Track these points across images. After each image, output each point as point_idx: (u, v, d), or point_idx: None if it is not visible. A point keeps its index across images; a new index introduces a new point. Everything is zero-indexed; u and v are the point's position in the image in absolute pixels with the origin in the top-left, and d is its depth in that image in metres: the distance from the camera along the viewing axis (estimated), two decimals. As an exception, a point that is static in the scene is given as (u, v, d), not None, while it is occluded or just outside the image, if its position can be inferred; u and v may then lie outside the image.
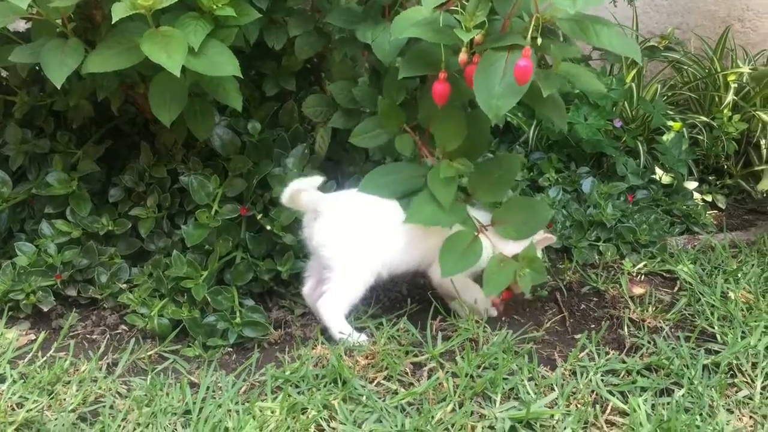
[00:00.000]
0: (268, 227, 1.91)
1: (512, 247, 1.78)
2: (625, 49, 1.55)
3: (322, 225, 1.76)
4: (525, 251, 1.75)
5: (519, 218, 1.79)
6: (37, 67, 1.99)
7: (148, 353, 1.74)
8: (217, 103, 1.93)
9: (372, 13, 1.82)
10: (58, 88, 1.64)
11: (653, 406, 1.55)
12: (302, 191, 1.73)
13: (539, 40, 1.47)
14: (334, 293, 1.75)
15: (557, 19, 1.51)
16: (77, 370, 1.67)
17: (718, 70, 2.77)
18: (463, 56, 1.55)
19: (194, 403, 1.54)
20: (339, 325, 1.74)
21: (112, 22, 1.54)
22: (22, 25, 1.98)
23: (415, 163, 1.82)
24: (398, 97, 1.79)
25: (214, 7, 1.67)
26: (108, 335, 1.83)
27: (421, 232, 1.77)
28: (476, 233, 1.75)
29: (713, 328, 1.82)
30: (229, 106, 1.81)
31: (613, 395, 1.59)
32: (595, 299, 2.00)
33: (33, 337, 1.81)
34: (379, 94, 1.82)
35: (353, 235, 1.76)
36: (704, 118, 2.67)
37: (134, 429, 1.48)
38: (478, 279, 1.79)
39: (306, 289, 1.84)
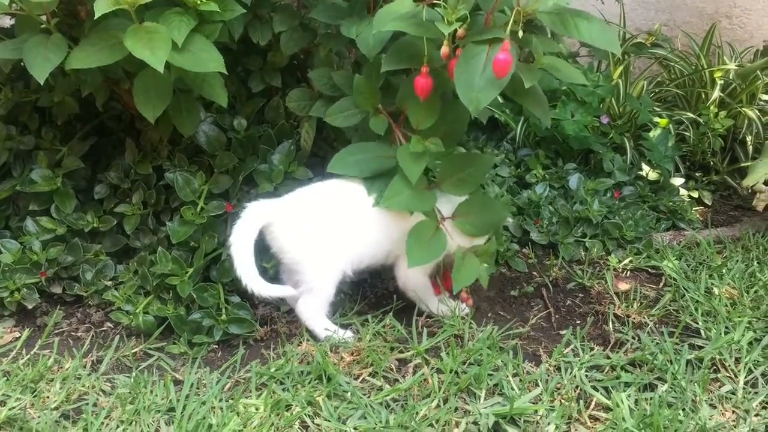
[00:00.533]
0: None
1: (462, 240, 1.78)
2: (605, 42, 1.55)
3: (276, 232, 1.76)
4: (485, 246, 1.76)
5: (478, 216, 1.78)
6: (21, 64, 1.98)
7: (133, 350, 1.74)
8: (202, 99, 1.92)
9: (357, 9, 1.82)
10: (42, 83, 1.63)
11: (636, 401, 1.56)
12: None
13: (520, 33, 1.47)
14: (308, 296, 1.75)
15: (539, 12, 1.51)
16: (61, 367, 1.66)
17: (705, 66, 2.78)
18: (445, 50, 1.55)
19: (178, 400, 1.54)
20: (321, 325, 1.75)
21: (95, 18, 1.53)
22: (6, 22, 1.97)
23: (385, 144, 1.79)
24: (377, 81, 1.77)
25: (198, 2, 1.66)
26: (93, 333, 1.82)
27: (381, 225, 1.75)
28: (438, 223, 1.73)
29: (697, 323, 1.83)
30: (215, 102, 1.81)
31: (597, 390, 1.60)
32: (580, 295, 2.01)
33: (17, 334, 1.80)
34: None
35: (309, 237, 1.75)
36: (691, 115, 2.68)
37: (117, 426, 1.47)
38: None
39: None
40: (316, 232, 1.75)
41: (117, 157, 2.04)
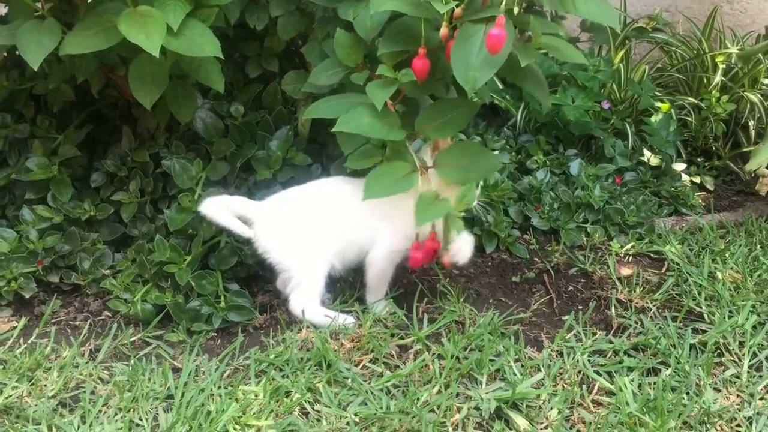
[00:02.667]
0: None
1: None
2: (604, 16, 1.52)
3: (258, 233, 1.75)
4: (462, 194, 1.63)
5: (463, 162, 1.67)
6: (16, 51, 1.96)
7: (131, 339, 1.72)
8: (199, 85, 1.90)
9: (354, -9, 1.79)
10: (35, 69, 1.62)
11: (640, 385, 1.55)
12: (221, 210, 1.74)
13: (515, 10, 1.44)
14: (299, 293, 1.73)
15: (535, -12, 1.49)
16: (59, 356, 1.65)
17: (707, 51, 2.76)
18: (444, 30, 1.53)
19: (176, 387, 1.52)
20: (320, 314, 1.73)
21: (89, 2, 1.51)
22: (1, 10, 1.95)
23: (361, 93, 1.69)
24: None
25: (194, -14, 1.64)
26: (91, 321, 1.80)
27: (361, 213, 1.72)
28: (416, 170, 1.64)
29: (700, 307, 1.82)
30: (212, 88, 1.79)
31: (600, 375, 1.58)
32: (582, 280, 1.99)
33: (14, 324, 1.78)
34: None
35: (291, 235, 1.74)
36: (692, 100, 2.66)
37: (115, 414, 1.46)
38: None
39: (279, 283, 1.84)
40: (298, 229, 1.74)
41: (113, 144, 2.02)
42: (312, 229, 1.74)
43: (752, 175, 2.60)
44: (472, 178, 1.68)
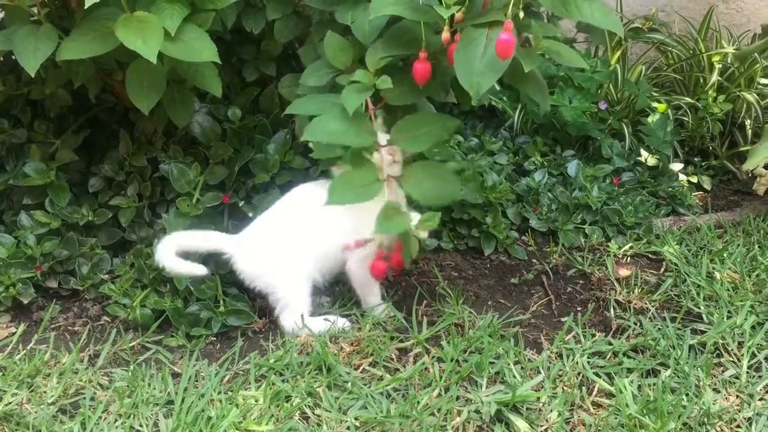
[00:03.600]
0: (251, 215, 1.89)
1: None
2: (608, 23, 1.52)
3: (240, 267, 1.76)
4: (426, 217, 1.63)
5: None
6: (12, 56, 1.96)
7: (131, 344, 1.72)
8: (196, 89, 1.90)
9: (351, -6, 1.79)
10: (32, 75, 1.62)
11: (639, 387, 1.55)
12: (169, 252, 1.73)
13: (521, 15, 1.44)
14: (288, 312, 1.74)
15: (539, -6, 1.49)
16: (58, 362, 1.64)
17: (703, 50, 2.76)
18: (445, 35, 1.52)
19: (176, 393, 1.52)
20: (316, 323, 1.73)
21: (86, 7, 1.51)
22: (-1, 14, 1.95)
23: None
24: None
25: (191, -10, 1.64)
26: (89, 327, 1.80)
27: (329, 220, 1.72)
28: (381, 179, 1.62)
29: (699, 308, 1.82)
30: (209, 92, 1.79)
31: (600, 377, 1.58)
32: (581, 282, 1.99)
33: (13, 330, 1.78)
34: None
35: (269, 261, 1.74)
36: (689, 99, 2.66)
37: (115, 420, 1.46)
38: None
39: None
40: (274, 252, 1.74)
41: (111, 149, 2.02)
42: (287, 247, 1.74)
43: (749, 174, 2.60)
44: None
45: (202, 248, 1.78)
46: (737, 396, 1.55)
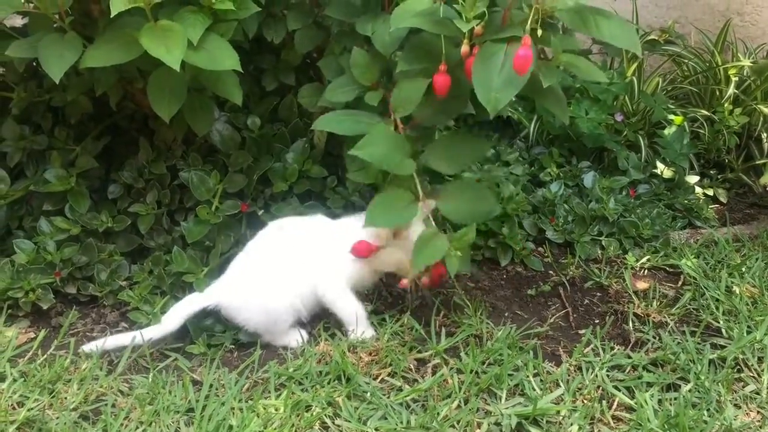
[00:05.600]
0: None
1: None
2: (626, 41, 1.52)
3: (228, 314, 1.74)
4: (461, 233, 1.64)
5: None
6: (34, 63, 1.98)
7: (150, 351, 1.72)
8: (216, 98, 1.91)
9: (372, 5, 1.80)
10: (57, 82, 1.62)
11: (660, 401, 1.55)
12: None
13: (539, 32, 1.45)
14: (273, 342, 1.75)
15: (557, 10, 1.48)
16: (78, 368, 1.65)
17: (719, 63, 2.76)
18: (465, 48, 1.53)
19: (197, 401, 1.52)
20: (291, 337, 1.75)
21: (111, 16, 1.52)
22: (17, 21, 1.95)
23: (370, 112, 1.73)
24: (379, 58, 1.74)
25: (213, 0, 1.65)
26: (108, 333, 1.80)
27: (300, 256, 1.73)
28: (417, 200, 1.65)
29: (718, 322, 1.82)
30: (229, 101, 1.80)
31: (620, 390, 1.58)
32: (598, 294, 1.99)
33: (32, 335, 1.79)
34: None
35: (253, 306, 1.72)
36: (705, 112, 2.66)
37: (137, 428, 1.46)
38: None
39: None
40: (256, 296, 1.72)
41: (131, 156, 2.03)
42: (265, 289, 1.72)
43: (765, 188, 2.60)
44: (474, 219, 1.68)
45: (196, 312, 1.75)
46: (758, 412, 1.54)
